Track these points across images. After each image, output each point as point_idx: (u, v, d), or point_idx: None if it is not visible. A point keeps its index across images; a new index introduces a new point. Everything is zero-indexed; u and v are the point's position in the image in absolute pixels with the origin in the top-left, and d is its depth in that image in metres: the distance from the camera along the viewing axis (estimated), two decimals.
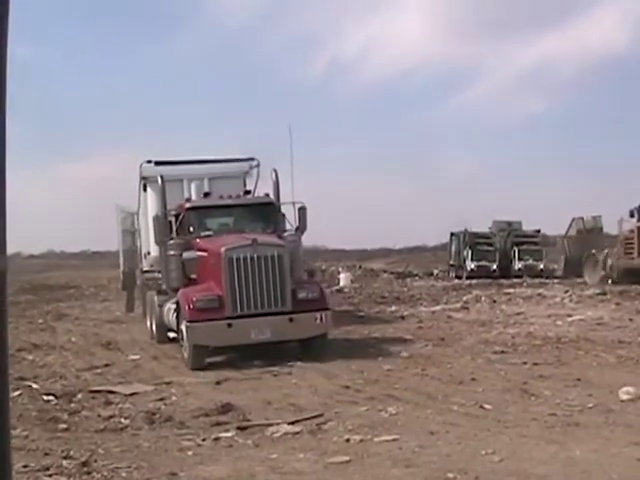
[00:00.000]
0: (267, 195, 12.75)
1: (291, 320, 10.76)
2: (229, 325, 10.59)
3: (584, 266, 28.85)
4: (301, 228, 12.22)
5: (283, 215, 12.48)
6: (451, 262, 37.36)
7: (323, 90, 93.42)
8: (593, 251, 28.56)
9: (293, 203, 12.34)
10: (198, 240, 11.87)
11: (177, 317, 11.40)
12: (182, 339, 11.03)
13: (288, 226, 12.35)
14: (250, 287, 10.69)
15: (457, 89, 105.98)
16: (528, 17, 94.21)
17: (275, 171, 12.61)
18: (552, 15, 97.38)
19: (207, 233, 12.10)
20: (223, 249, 10.83)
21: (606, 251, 27.64)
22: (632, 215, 26.52)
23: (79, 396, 8.51)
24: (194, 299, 10.73)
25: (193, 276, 11.64)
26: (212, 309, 10.66)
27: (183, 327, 10.88)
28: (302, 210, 12.20)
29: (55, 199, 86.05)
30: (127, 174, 15.10)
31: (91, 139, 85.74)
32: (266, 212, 12.43)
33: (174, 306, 11.62)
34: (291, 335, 10.97)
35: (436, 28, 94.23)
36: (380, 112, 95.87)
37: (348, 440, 6.18)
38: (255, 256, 10.74)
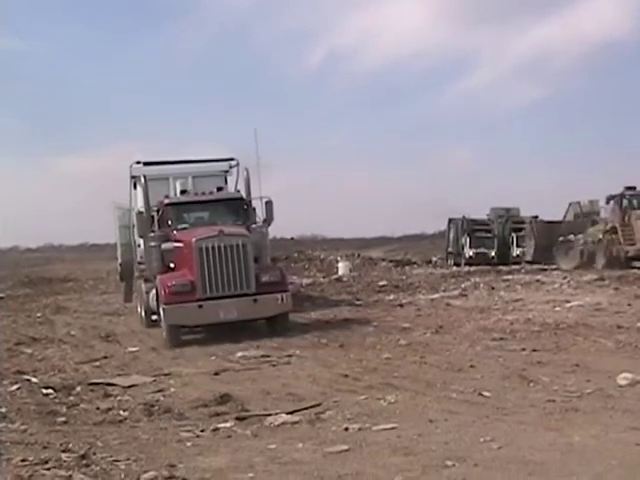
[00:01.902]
0: (238, 191, 14.31)
1: (255, 301, 12.13)
2: (200, 306, 11.92)
3: (556, 252, 28.42)
4: (268, 220, 13.67)
5: (253, 209, 13.82)
6: (449, 249, 37.34)
7: (321, 81, 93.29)
8: (561, 238, 28.29)
9: (260, 197, 13.74)
10: (175, 232, 13.25)
11: (157, 301, 12.66)
12: (161, 320, 12.39)
13: (258, 218, 13.74)
14: (218, 272, 12.02)
15: (455, 78, 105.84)
16: (528, 4, 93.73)
17: (246, 169, 13.72)
18: (552, 2, 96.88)
19: (183, 226, 13.49)
20: (194, 239, 12.22)
21: (573, 236, 27.51)
22: (608, 202, 26.68)
23: (78, 389, 8.52)
24: (169, 284, 12.14)
25: (171, 265, 12.97)
26: (185, 293, 12.01)
27: (161, 310, 12.26)
28: (268, 204, 13.53)
29: (54, 192, 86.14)
30: (126, 167, 15.37)
31: (89, 132, 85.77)
32: (236, 206, 13.78)
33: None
34: (256, 314, 12.32)
35: (434, 16, 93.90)
36: (378, 101, 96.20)
37: (347, 429, 6.17)
38: (222, 245, 12.08)
